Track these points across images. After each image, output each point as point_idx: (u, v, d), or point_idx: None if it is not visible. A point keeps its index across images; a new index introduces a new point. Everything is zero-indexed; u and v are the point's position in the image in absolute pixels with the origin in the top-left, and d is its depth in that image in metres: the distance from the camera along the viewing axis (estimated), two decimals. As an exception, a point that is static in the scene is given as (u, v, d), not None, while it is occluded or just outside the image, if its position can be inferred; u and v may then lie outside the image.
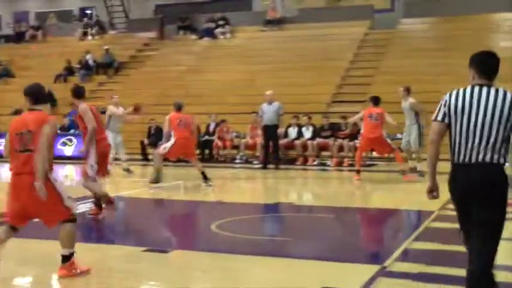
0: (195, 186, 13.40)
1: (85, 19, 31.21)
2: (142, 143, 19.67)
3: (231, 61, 24.74)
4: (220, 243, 7.78)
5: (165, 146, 13.09)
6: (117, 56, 26.54)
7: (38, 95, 6.11)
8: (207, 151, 19.14)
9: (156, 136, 19.20)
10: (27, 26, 31.49)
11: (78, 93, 9.64)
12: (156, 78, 24.12)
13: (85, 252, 7.39)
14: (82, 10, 33.15)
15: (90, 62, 26.18)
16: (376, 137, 13.45)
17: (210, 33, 27.18)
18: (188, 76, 24.33)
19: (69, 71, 26.14)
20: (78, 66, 26.21)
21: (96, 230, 9.39)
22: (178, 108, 13.30)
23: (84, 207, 10.38)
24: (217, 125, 19.25)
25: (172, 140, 12.93)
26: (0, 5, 35.35)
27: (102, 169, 9.54)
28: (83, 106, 9.25)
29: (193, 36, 27.65)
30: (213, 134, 19.14)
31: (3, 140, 9.62)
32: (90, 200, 10.02)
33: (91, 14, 32.21)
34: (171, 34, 28.34)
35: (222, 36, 27.00)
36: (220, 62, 24.95)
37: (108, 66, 26.17)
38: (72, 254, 6.11)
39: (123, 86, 24.72)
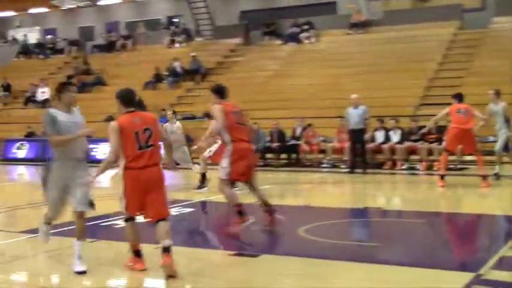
0: (282, 190, 13.40)
1: (172, 27, 31.91)
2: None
3: (316, 65, 24.63)
4: (307, 248, 7.74)
5: (210, 150, 12.94)
6: (203, 62, 26.98)
7: (130, 98, 6.73)
8: (293, 155, 19.12)
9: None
10: (118, 36, 32.54)
11: (220, 92, 9.23)
12: (242, 84, 24.33)
13: (174, 255, 7.51)
14: (169, 18, 33.92)
15: (178, 69, 26.74)
16: (468, 129, 12.86)
17: (294, 38, 27.20)
18: (274, 81, 24.42)
19: (158, 78, 26.81)
20: (166, 73, 26.83)
21: (185, 234, 9.52)
22: None
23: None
24: (303, 129, 19.21)
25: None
26: (93, 16, 36.71)
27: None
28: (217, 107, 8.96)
29: (278, 41, 27.75)
30: (299, 138, 19.11)
31: (96, 145, 9.93)
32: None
33: (178, 22, 32.91)
34: (256, 40, 28.55)
35: (306, 41, 26.96)
36: (305, 67, 24.90)
37: (195, 73, 26.64)
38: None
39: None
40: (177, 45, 30.05)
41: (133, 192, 6.51)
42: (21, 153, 23.69)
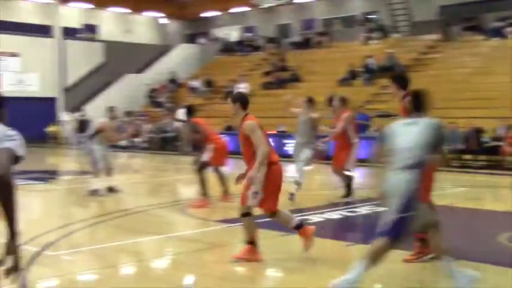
0: (479, 194, 12.70)
1: (368, 24, 31.65)
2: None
3: (523, 62, 23.01)
4: (508, 257, 7.28)
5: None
6: (400, 59, 26.42)
7: (248, 101, 7.29)
8: (494, 158, 18.08)
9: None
10: (314, 33, 32.96)
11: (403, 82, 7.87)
12: (440, 81, 23.45)
13: (363, 253, 7.42)
14: (365, 15, 33.69)
15: (372, 66, 26.44)
16: None
17: (498, 32, 25.64)
18: (474, 78, 23.22)
19: (353, 75, 26.73)
20: (361, 70, 26.66)
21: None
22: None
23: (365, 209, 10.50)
24: (506, 130, 18.06)
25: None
26: (290, 14, 37.56)
27: None
28: None
29: (480, 37, 26.33)
30: (501, 139, 17.98)
31: (290, 141, 10.12)
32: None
33: (374, 18, 32.55)
34: (456, 35, 27.35)
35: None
36: (510, 63, 23.36)
37: (390, 70, 26.17)
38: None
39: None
40: (372, 42, 29.74)
41: (276, 187, 6.93)
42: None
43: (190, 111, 11.61)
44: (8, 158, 3.30)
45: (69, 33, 35.03)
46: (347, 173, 11.75)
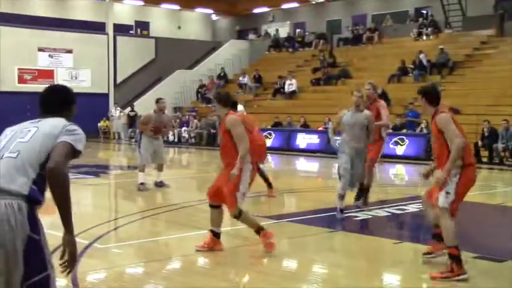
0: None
1: (420, 19, 31.15)
2: (476, 144, 18.92)
3: None
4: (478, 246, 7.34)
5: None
6: (452, 55, 25.94)
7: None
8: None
9: (489, 138, 18.45)
10: (365, 29, 32.64)
11: None
12: (494, 78, 22.96)
13: (410, 252, 7.34)
14: (417, 10, 33.17)
15: (424, 62, 26.03)
16: None
17: (556, 28, 24.93)
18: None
19: (403, 71, 26.36)
20: (411, 66, 26.28)
21: (424, 230, 9.27)
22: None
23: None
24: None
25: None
26: (340, 10, 37.32)
27: None
28: None
29: (537, 32, 25.67)
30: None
31: (338, 138, 10.05)
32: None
33: (426, 13, 32.01)
34: (511, 31, 26.69)
35: None
36: None
37: (442, 66, 25.74)
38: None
39: (459, 86, 24.10)
40: (424, 37, 29.28)
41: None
42: (268, 142, 24.93)
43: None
44: (66, 153, 3.37)
45: (122, 30, 35.63)
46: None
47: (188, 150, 26.25)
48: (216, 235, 7.21)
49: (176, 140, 28.92)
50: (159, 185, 12.89)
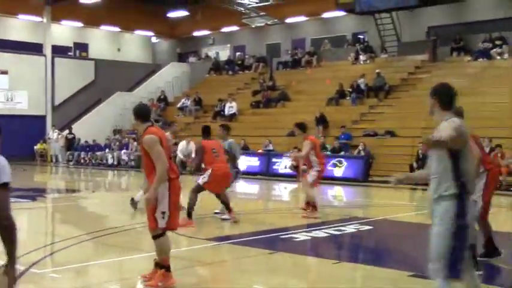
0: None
1: (357, 44, 31.91)
2: (411, 166, 19.43)
3: (508, 83, 23.28)
4: (492, 275, 7.40)
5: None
6: (388, 79, 26.65)
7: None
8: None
9: (424, 160, 18.93)
10: (303, 52, 33.18)
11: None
12: (426, 102, 23.66)
13: (349, 271, 7.46)
14: (355, 35, 33.97)
15: (362, 86, 26.64)
16: None
17: (485, 53, 25.94)
18: (462, 99, 22.85)
19: (341, 94, 26.91)
20: (349, 89, 26.84)
21: (362, 251, 9.45)
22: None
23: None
24: (491, 150, 18.22)
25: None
26: (280, 33, 37.83)
27: None
28: None
29: (468, 58, 26.62)
30: (486, 159, 18.12)
31: (277, 160, 10.16)
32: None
33: (363, 38, 32.82)
34: (443, 56, 27.65)
35: (498, 57, 25.59)
36: (496, 84, 23.65)
37: (379, 90, 26.39)
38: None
39: (395, 109, 24.74)
40: (361, 61, 29.99)
41: (176, 203, 6.76)
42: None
43: (204, 132, 11.57)
44: None
45: (60, 51, 35.13)
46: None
47: (128, 173, 25.98)
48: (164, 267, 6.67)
49: (115, 163, 28.60)
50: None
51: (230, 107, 29.22)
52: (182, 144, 17.49)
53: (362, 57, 30.01)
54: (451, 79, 25.40)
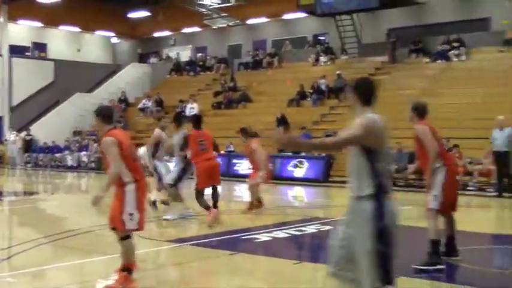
0: (423, 213, 12.93)
1: (318, 45, 32.12)
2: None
3: (466, 84, 23.70)
4: (449, 273, 7.48)
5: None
6: (348, 80, 26.82)
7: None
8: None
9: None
10: (264, 54, 33.28)
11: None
12: (387, 102, 23.91)
13: (310, 271, 7.51)
14: (316, 36, 34.19)
15: (323, 87, 26.81)
16: None
17: (443, 55, 26.38)
18: (420, 100, 23.71)
19: (302, 95, 27.05)
20: (310, 91, 27.00)
21: (323, 251, 9.53)
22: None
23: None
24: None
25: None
26: (241, 35, 37.86)
27: None
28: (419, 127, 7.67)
29: (426, 59, 27.03)
30: (444, 159, 18.41)
31: (239, 161, 10.18)
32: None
33: (324, 40, 33.05)
34: (403, 57, 28.02)
35: (456, 59, 26.04)
36: (454, 85, 24.06)
37: (339, 91, 26.60)
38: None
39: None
40: (322, 63, 30.20)
41: (143, 204, 6.75)
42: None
43: (194, 121, 11.41)
44: None
45: (18, 51, 34.54)
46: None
47: (88, 175, 25.69)
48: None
49: (75, 164, 28.25)
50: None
51: (191, 108, 29.09)
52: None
53: (323, 59, 30.22)
54: (410, 80, 25.86)
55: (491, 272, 7.70)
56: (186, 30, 39.75)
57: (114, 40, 43.64)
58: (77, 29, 39.75)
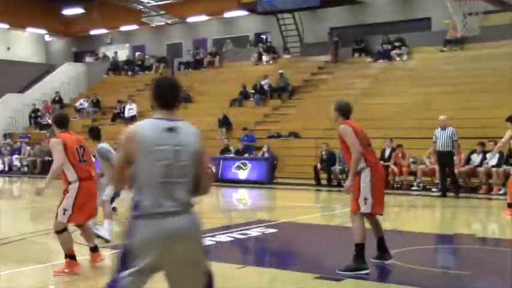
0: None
1: (260, 44, 31.70)
2: (315, 167, 19.30)
3: (408, 83, 23.70)
4: (394, 274, 7.46)
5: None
6: (291, 80, 26.53)
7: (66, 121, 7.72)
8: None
9: (327, 161, 18.95)
10: (205, 53, 32.65)
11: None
12: (330, 102, 23.35)
13: (255, 275, 7.11)
14: (257, 35, 33.77)
15: (266, 87, 26.37)
16: None
17: (385, 55, 26.35)
18: (363, 99, 23.52)
19: (245, 95, 26.53)
20: (253, 91, 26.52)
21: (267, 254, 9.11)
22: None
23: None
24: (392, 150, 18.34)
25: None
26: (181, 33, 37.11)
27: None
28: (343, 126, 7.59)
29: (368, 59, 26.95)
30: (388, 159, 18.23)
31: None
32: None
33: (266, 39, 32.69)
34: (345, 57, 27.87)
35: (398, 58, 26.05)
36: (396, 85, 24.03)
37: (282, 91, 26.22)
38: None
39: (297, 110, 24.62)
40: (264, 62, 29.78)
41: (86, 202, 7.31)
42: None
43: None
44: None
45: None
46: None
47: (21, 180, 24.50)
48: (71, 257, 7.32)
49: (7, 168, 26.92)
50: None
51: (130, 109, 28.21)
52: None
53: (265, 58, 29.82)
54: (353, 80, 25.73)
55: (435, 272, 7.58)
56: (123, 28, 38.71)
57: (47, 38, 42.15)
58: (6, 26, 38.00)
